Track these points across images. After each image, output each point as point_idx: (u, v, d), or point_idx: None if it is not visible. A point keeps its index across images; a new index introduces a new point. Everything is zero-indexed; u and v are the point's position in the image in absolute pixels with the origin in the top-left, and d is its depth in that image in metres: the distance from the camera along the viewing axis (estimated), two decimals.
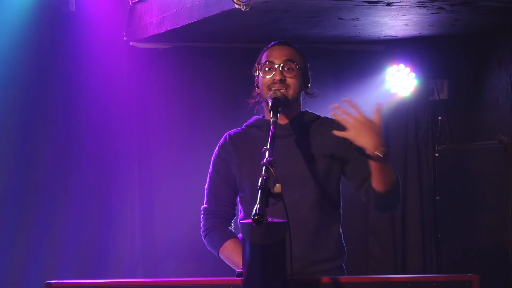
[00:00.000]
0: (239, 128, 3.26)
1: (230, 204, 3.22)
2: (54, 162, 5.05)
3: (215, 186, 3.21)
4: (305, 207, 3.08)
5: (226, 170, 3.19)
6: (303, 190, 3.08)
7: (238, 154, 3.17)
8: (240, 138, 3.21)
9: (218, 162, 3.22)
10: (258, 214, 2.42)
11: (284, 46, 3.20)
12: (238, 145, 3.19)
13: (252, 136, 3.19)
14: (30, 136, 4.99)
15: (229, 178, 3.19)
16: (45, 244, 4.98)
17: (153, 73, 5.32)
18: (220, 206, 3.20)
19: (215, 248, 3.18)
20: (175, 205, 5.24)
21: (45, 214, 4.98)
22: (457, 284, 2.70)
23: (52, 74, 5.04)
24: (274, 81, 3.10)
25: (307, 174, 3.10)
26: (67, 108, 5.11)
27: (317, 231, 3.10)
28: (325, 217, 3.13)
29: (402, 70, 5.59)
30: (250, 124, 3.25)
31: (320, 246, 3.11)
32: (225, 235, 3.16)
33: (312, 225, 3.09)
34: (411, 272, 5.59)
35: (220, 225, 3.18)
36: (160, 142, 5.33)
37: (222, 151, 3.21)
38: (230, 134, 3.25)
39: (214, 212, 3.20)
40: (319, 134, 3.17)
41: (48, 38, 5.00)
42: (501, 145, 5.17)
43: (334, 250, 3.15)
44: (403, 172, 5.73)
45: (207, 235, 3.20)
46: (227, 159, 3.19)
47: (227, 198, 3.20)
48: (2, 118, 4.91)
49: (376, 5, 4.23)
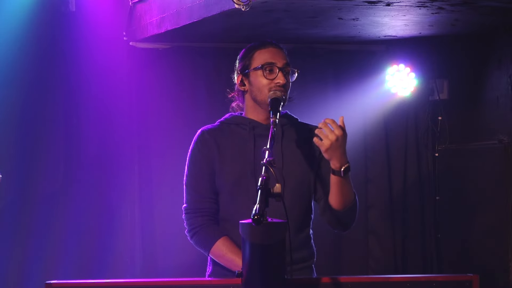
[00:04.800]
0: (213, 124, 3.22)
1: (213, 200, 3.15)
2: (54, 162, 5.05)
3: (197, 182, 3.15)
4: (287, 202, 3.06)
5: (207, 165, 3.13)
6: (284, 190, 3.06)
7: (219, 150, 3.13)
8: (219, 134, 3.17)
9: (198, 157, 3.15)
10: (258, 214, 2.42)
11: (279, 49, 3.21)
12: (219, 141, 3.15)
13: (231, 133, 3.16)
14: (30, 136, 4.99)
15: (210, 173, 3.13)
16: (45, 244, 4.98)
17: (153, 73, 5.32)
18: (203, 203, 3.14)
19: (205, 248, 3.13)
20: (175, 205, 5.21)
21: (45, 214, 4.98)
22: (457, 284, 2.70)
23: (52, 74, 5.04)
24: (277, 84, 3.11)
25: (288, 174, 3.10)
26: (67, 108, 5.11)
27: (295, 232, 3.08)
28: (302, 218, 3.15)
29: (402, 70, 5.59)
30: (226, 120, 3.21)
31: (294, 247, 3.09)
32: (215, 234, 3.11)
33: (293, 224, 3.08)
34: (411, 272, 5.59)
35: (207, 223, 3.13)
36: (160, 142, 5.32)
37: (202, 146, 3.15)
38: (207, 129, 3.19)
39: (198, 210, 3.14)
40: (300, 137, 3.17)
41: (48, 38, 5.00)
42: (501, 145, 5.18)
43: (307, 252, 3.19)
44: (403, 172, 5.73)
45: (194, 235, 3.14)
46: (208, 154, 3.14)
47: (210, 193, 3.14)
48: (2, 118, 4.91)
49: (376, 5, 4.23)
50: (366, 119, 5.64)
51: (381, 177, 5.67)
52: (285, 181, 3.08)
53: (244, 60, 3.21)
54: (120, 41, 5.20)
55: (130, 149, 5.25)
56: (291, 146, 3.15)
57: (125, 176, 5.22)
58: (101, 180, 5.15)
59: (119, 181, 5.20)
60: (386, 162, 5.71)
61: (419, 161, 5.76)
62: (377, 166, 5.67)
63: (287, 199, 3.04)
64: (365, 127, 5.61)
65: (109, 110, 5.17)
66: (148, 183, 5.31)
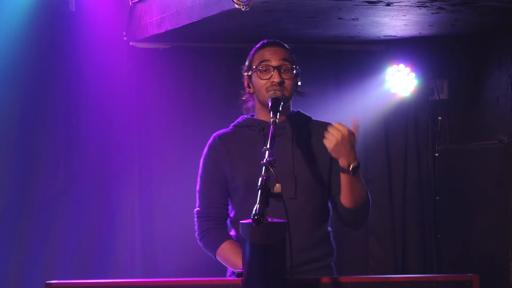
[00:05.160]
0: (227, 129, 3.25)
1: (223, 205, 3.19)
2: (54, 162, 5.05)
3: (207, 188, 3.18)
4: (298, 206, 3.08)
5: (217, 171, 3.17)
6: (296, 189, 3.08)
7: (230, 155, 3.15)
8: (230, 138, 3.19)
9: (209, 163, 3.19)
10: (258, 214, 2.42)
11: (278, 47, 3.20)
12: (229, 145, 3.17)
13: (242, 136, 3.18)
14: (30, 136, 4.99)
15: (221, 178, 3.16)
16: (45, 244, 4.97)
17: (153, 73, 5.32)
18: (213, 208, 3.18)
19: (211, 250, 3.16)
20: (175, 205, 5.24)
21: (45, 214, 4.98)
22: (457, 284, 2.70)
23: (52, 74, 5.04)
24: (273, 83, 3.10)
25: (300, 173, 3.10)
26: (67, 108, 5.11)
27: (309, 230, 3.10)
28: (317, 216, 3.14)
29: (402, 70, 5.59)
30: (238, 124, 3.23)
31: (312, 245, 3.11)
32: (221, 237, 3.15)
33: (305, 224, 3.10)
34: (411, 272, 5.59)
35: (215, 226, 3.17)
36: (160, 142, 5.32)
37: (212, 152, 3.19)
38: (219, 134, 3.22)
39: (208, 214, 3.18)
40: (312, 135, 3.17)
41: (48, 38, 4.99)
42: (501, 145, 5.17)
43: (325, 249, 3.17)
44: (403, 172, 5.73)
45: (202, 238, 3.19)
46: (218, 160, 3.17)
47: (220, 199, 3.18)
48: (2, 118, 4.91)
49: (376, 5, 4.23)
50: (366, 119, 5.63)
51: (381, 177, 5.67)
52: (296, 181, 3.07)
53: (247, 61, 3.22)
54: (120, 41, 5.20)
55: (130, 149, 5.25)
56: (303, 145, 3.14)
57: (125, 176, 5.22)
58: (101, 180, 5.15)
59: (119, 181, 5.19)
60: (386, 162, 5.70)
61: (419, 161, 5.75)
62: (377, 166, 5.67)
63: (300, 198, 3.05)
64: (365, 127, 5.61)
65: (109, 110, 5.16)
66: (148, 183, 5.31)
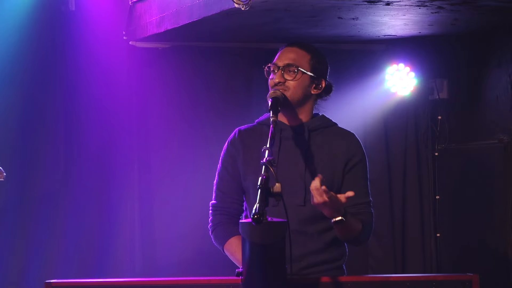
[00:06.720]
0: (250, 124, 3.25)
1: (238, 201, 3.19)
2: (54, 162, 5.05)
3: (223, 182, 3.19)
4: (307, 213, 3.07)
5: (233, 167, 3.17)
6: (306, 196, 3.07)
7: (245, 152, 3.16)
8: (250, 134, 3.19)
9: (226, 158, 3.20)
10: (257, 214, 2.41)
11: (292, 48, 3.20)
12: (247, 142, 3.17)
13: (262, 134, 3.17)
14: (30, 136, 4.99)
15: (237, 174, 3.17)
16: (45, 244, 4.97)
17: (153, 72, 5.32)
18: (227, 203, 3.18)
19: (220, 244, 3.17)
20: (175, 205, 5.24)
21: (45, 214, 4.98)
22: (457, 284, 2.70)
23: (51, 73, 5.04)
24: (274, 83, 3.12)
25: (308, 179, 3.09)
26: (67, 107, 5.11)
27: (320, 233, 3.10)
28: (326, 223, 3.13)
29: (402, 69, 5.59)
30: (261, 121, 3.24)
31: (323, 249, 3.11)
32: (230, 232, 3.14)
33: (316, 227, 3.09)
34: (410, 271, 5.59)
35: (227, 221, 3.17)
36: (160, 142, 5.32)
37: (231, 147, 3.19)
38: (241, 129, 3.22)
39: (222, 209, 3.19)
40: (331, 142, 3.16)
41: (48, 37, 5.00)
42: (501, 144, 5.17)
43: (336, 252, 3.16)
44: (403, 172, 5.73)
45: (213, 231, 3.19)
46: (235, 156, 3.17)
47: (235, 194, 3.18)
48: (2, 118, 4.91)
49: (375, 5, 4.23)
50: (366, 118, 5.63)
51: (381, 177, 5.67)
52: (306, 188, 3.05)
53: None
54: (120, 40, 5.20)
55: (130, 148, 5.25)
56: (318, 150, 3.13)
57: (125, 175, 5.22)
58: (101, 179, 5.15)
59: (119, 181, 5.19)
60: (386, 161, 5.70)
61: (419, 161, 5.75)
62: (377, 166, 5.66)
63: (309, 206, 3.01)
64: (365, 126, 5.61)
65: (108, 109, 5.16)
66: (147, 183, 5.31)
